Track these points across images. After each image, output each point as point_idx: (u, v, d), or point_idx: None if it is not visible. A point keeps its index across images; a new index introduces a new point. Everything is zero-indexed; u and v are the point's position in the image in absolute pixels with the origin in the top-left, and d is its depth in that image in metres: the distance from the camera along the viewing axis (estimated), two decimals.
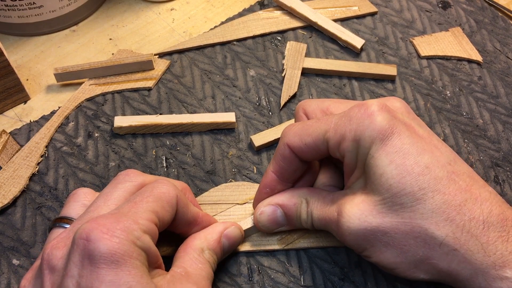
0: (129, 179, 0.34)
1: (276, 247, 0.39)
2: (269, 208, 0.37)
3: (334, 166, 0.39)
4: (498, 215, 0.30)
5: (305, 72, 0.50)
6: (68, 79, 0.48)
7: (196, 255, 0.34)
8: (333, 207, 0.34)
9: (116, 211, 0.31)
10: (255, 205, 0.38)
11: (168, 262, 0.34)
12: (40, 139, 0.44)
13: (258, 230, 0.39)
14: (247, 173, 0.43)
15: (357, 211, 0.32)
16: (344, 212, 0.32)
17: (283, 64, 0.50)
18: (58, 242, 0.31)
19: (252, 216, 0.38)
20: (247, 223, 0.38)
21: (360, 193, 0.33)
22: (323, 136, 0.33)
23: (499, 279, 0.29)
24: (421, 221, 0.30)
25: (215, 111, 0.47)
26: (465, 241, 0.30)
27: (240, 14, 0.54)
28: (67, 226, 0.34)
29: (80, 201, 0.35)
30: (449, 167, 0.31)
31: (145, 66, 0.49)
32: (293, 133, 0.34)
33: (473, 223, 0.30)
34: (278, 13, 0.55)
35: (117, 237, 0.28)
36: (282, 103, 0.48)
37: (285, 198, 0.37)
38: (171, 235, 0.36)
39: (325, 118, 0.34)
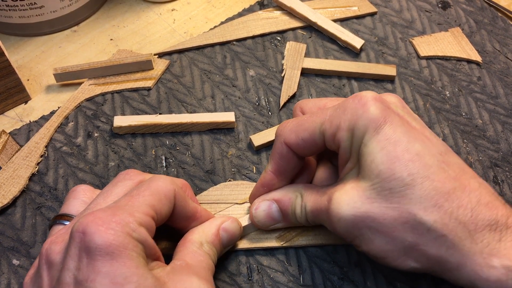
0: (129, 178, 0.35)
1: (275, 244, 0.39)
2: (264, 203, 0.37)
3: (331, 165, 0.39)
4: (487, 205, 0.30)
5: (305, 72, 0.50)
6: (67, 79, 0.48)
7: (195, 248, 0.34)
8: (324, 196, 0.34)
9: (113, 204, 0.31)
10: (251, 202, 0.38)
11: (168, 260, 0.34)
12: (40, 139, 0.44)
13: (255, 228, 0.39)
14: (247, 173, 0.43)
15: (346, 198, 0.32)
16: (334, 199, 0.32)
17: (282, 64, 0.50)
18: (56, 238, 0.31)
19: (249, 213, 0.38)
20: (244, 221, 0.38)
21: (351, 182, 0.33)
22: (319, 129, 0.33)
23: (486, 268, 0.29)
24: (409, 207, 0.30)
25: (215, 110, 0.47)
26: (453, 227, 0.30)
27: (240, 14, 0.55)
28: (67, 223, 0.34)
29: (79, 198, 0.35)
30: (440, 156, 0.31)
31: (144, 66, 0.49)
32: (289, 130, 0.35)
33: (461, 211, 0.30)
34: (277, 13, 0.55)
35: (113, 229, 0.28)
36: (282, 103, 0.48)
37: (280, 193, 0.37)
38: (171, 233, 0.37)
39: (320, 111, 0.34)
